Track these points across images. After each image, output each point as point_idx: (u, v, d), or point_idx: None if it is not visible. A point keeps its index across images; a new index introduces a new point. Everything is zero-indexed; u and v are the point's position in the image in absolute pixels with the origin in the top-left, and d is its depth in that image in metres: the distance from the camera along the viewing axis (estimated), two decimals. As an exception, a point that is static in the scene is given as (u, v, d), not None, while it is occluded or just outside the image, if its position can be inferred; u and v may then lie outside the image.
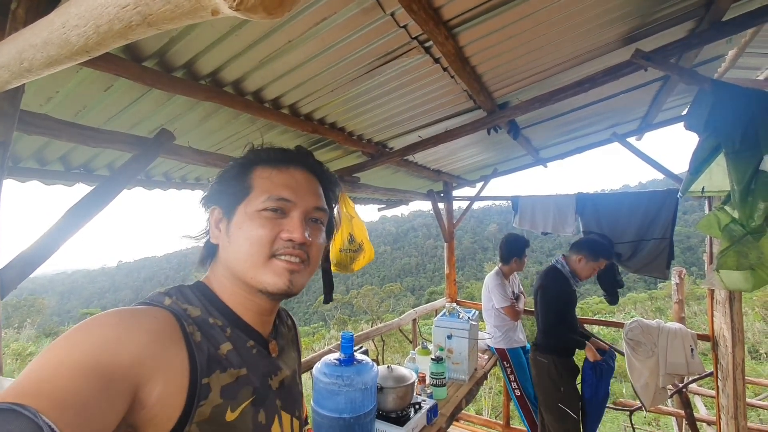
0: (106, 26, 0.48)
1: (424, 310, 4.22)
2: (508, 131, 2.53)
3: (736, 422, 2.56)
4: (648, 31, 1.84)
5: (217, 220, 0.67)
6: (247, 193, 0.65)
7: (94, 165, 1.88)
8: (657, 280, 29.32)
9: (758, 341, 13.96)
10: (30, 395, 0.39)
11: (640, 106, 3.02)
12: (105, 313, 0.52)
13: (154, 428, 0.50)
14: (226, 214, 0.66)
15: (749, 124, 1.45)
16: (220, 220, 0.66)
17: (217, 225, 0.67)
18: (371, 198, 3.91)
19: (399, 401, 2.05)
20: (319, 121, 2.02)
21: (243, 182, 0.66)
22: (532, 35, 1.64)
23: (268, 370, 0.66)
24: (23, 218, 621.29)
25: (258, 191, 0.64)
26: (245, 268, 0.62)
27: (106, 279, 73.00)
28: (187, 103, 1.55)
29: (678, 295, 4.91)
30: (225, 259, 0.65)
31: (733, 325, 2.65)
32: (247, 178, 0.66)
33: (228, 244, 0.65)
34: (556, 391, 2.71)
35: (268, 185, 0.65)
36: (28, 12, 0.82)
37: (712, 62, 2.34)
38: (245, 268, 0.62)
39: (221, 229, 0.66)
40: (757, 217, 1.42)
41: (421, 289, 43.48)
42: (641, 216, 3.28)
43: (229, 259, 0.64)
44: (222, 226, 0.66)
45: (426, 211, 66.28)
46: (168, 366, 0.51)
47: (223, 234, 0.66)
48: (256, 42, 1.30)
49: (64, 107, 1.38)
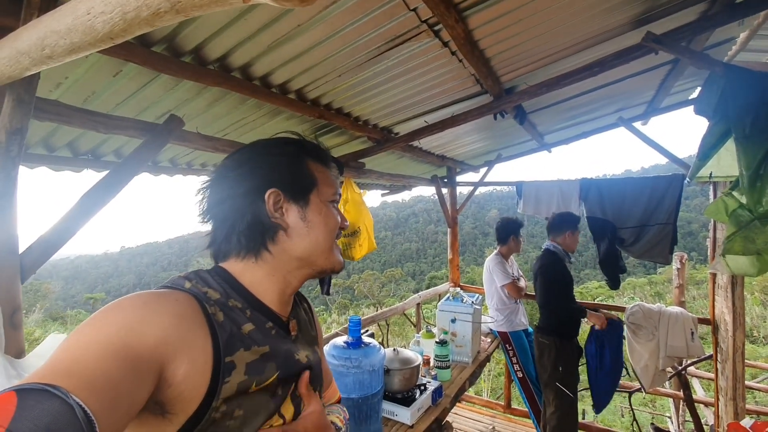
0: (134, 13, 0.48)
1: (427, 294, 4.27)
2: (515, 116, 2.51)
3: (735, 403, 2.61)
4: (659, 13, 1.81)
5: (276, 203, 0.66)
6: (316, 183, 0.69)
7: (102, 151, 1.88)
8: (656, 265, 29.45)
9: (756, 325, 14.12)
10: (60, 376, 0.40)
11: (647, 90, 2.99)
12: (129, 297, 0.54)
13: (182, 404, 0.52)
14: (293, 199, 0.67)
15: (761, 109, 1.44)
16: (281, 205, 0.66)
17: (277, 209, 0.66)
18: (376, 183, 3.91)
19: (405, 383, 2.10)
20: (325, 106, 2.01)
21: (305, 172, 0.69)
22: (542, 18, 1.61)
23: (290, 349, 0.68)
24: (33, 204, 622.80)
25: (323, 184, 0.70)
26: (322, 249, 0.69)
27: (110, 264, 73.49)
28: (194, 88, 1.54)
29: (679, 279, 4.94)
30: (297, 241, 0.67)
31: (734, 309, 2.68)
32: (307, 168, 0.70)
33: (305, 228, 0.67)
34: (555, 371, 2.78)
35: (329, 180, 0.72)
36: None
37: (723, 45, 2.30)
38: (322, 249, 0.69)
39: (285, 213, 0.67)
40: (765, 203, 1.42)
41: (421, 274, 43.77)
42: (645, 201, 3.28)
43: (302, 242, 0.67)
44: (288, 210, 0.67)
45: (427, 197, 66.20)
46: (192, 346, 0.53)
47: (295, 218, 0.67)
48: (265, 26, 1.28)
49: (73, 93, 1.37)
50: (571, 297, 2.89)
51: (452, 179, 4.36)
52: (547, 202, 3.72)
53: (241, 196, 0.65)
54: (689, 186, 3.18)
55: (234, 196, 0.65)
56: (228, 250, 0.67)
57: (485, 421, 3.81)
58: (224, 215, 0.66)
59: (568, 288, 2.87)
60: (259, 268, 0.66)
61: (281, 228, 0.66)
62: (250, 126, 2.02)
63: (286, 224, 0.66)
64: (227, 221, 0.66)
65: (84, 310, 27.11)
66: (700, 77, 2.80)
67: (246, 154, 0.69)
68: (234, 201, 0.65)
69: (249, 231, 0.65)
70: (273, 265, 0.66)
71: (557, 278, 2.80)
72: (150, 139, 1.39)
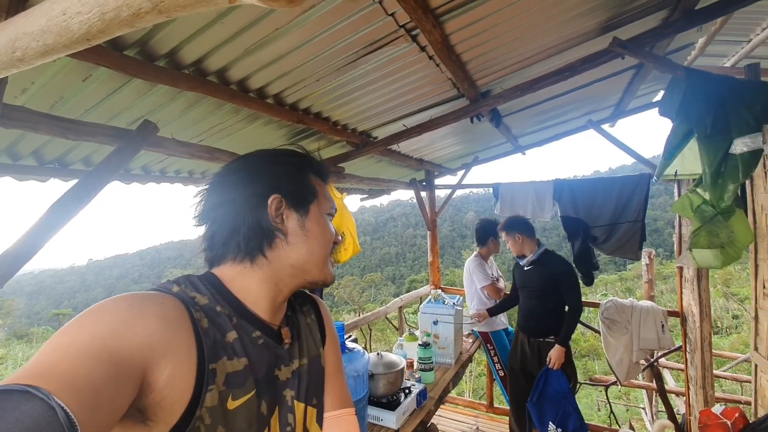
0: (113, 13, 0.47)
1: (409, 297, 4.28)
2: (491, 119, 2.57)
3: (704, 392, 2.73)
4: (624, 20, 1.90)
5: (277, 208, 0.66)
6: (316, 195, 0.71)
7: (70, 159, 1.80)
8: (626, 262, 30.57)
9: (719, 316, 14.86)
10: (42, 377, 0.40)
11: (614, 93, 3.12)
12: (114, 299, 0.53)
13: (164, 412, 0.50)
14: (294, 207, 0.68)
15: (720, 110, 1.53)
16: (282, 211, 0.67)
17: (278, 214, 0.66)
18: (355, 188, 3.90)
19: (390, 386, 2.09)
20: (304, 111, 2.00)
21: (307, 183, 0.71)
22: (515, 23, 1.66)
23: (276, 361, 0.66)
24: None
25: (322, 197, 0.72)
26: (317, 259, 0.69)
27: (76, 278, 70.21)
28: (168, 93, 1.51)
29: (648, 274, 5.15)
30: (294, 249, 0.67)
31: (700, 301, 2.81)
32: (309, 180, 0.71)
33: (303, 236, 0.68)
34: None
35: (327, 194, 0.74)
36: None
37: (683, 50, 2.44)
38: (317, 260, 0.69)
39: (285, 219, 0.67)
40: (727, 198, 1.51)
41: (401, 278, 43.86)
42: (615, 200, 3.41)
43: (299, 250, 0.67)
44: (289, 218, 0.67)
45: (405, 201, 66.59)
46: (176, 350, 0.52)
47: (294, 226, 0.67)
48: (243, 30, 1.27)
49: (40, 99, 1.31)
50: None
51: (431, 182, 4.41)
52: (523, 202, 3.80)
53: (244, 200, 0.65)
54: (654, 185, 3.33)
55: (236, 200, 0.65)
56: (224, 254, 0.66)
57: (469, 422, 3.84)
58: (224, 218, 0.66)
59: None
60: (253, 274, 0.66)
61: (280, 234, 0.66)
62: (227, 131, 1.98)
63: (286, 231, 0.67)
64: (227, 224, 0.65)
65: (51, 326, 25.77)
66: (662, 81, 2.95)
67: (250, 161, 0.70)
68: (236, 204, 0.65)
69: (249, 235, 0.65)
70: (266, 272, 0.66)
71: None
72: (123, 145, 1.35)
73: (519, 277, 3.04)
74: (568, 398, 2.71)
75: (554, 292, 2.78)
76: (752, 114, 1.50)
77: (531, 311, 2.92)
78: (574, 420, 2.68)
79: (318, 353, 0.77)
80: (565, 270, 2.81)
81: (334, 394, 0.81)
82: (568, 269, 2.82)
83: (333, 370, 0.83)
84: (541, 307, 2.85)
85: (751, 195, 2.01)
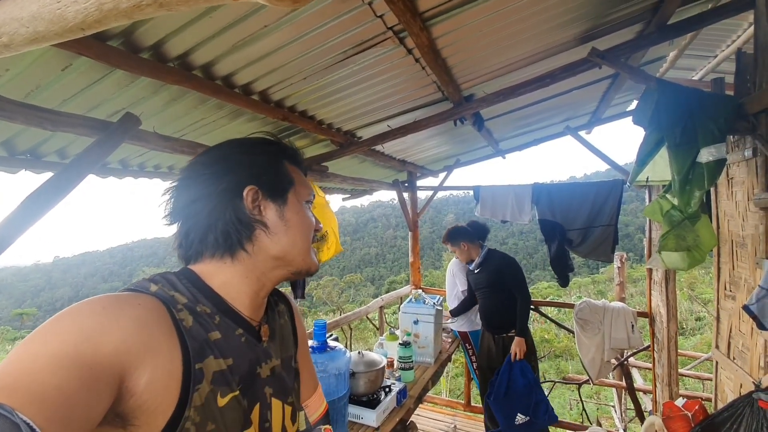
0: (112, 4, 0.47)
1: (390, 297, 4.31)
2: (473, 123, 2.62)
3: (670, 389, 2.87)
4: (602, 31, 1.98)
5: (254, 200, 0.64)
6: (293, 183, 0.69)
7: (43, 150, 1.74)
8: (599, 266, 31.54)
9: (684, 318, 15.49)
10: (5, 391, 0.37)
11: (591, 101, 3.24)
12: (87, 301, 0.50)
13: (146, 416, 0.49)
14: (271, 198, 0.66)
15: (688, 120, 1.62)
16: (258, 203, 0.65)
17: (255, 206, 0.64)
18: (338, 188, 3.90)
19: (370, 385, 2.11)
20: (289, 108, 1.99)
21: (283, 171, 0.69)
22: (500, 30, 1.71)
23: (258, 358, 0.65)
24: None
25: (299, 185, 0.71)
26: (299, 249, 0.68)
27: (41, 276, 67.02)
28: (151, 86, 1.48)
29: (619, 277, 5.33)
30: (275, 240, 0.65)
31: (668, 303, 2.94)
32: (285, 168, 0.69)
33: (283, 227, 0.66)
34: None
35: (304, 181, 0.73)
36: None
37: (656, 62, 2.56)
38: (299, 249, 0.68)
39: (263, 211, 0.65)
40: (694, 204, 1.59)
41: (381, 278, 43.86)
42: (590, 205, 3.53)
43: (280, 241, 0.65)
44: (266, 209, 0.65)
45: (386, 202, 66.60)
46: (155, 352, 0.50)
47: (273, 217, 0.66)
48: (231, 25, 1.26)
49: (14, 87, 1.26)
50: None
51: (413, 183, 4.45)
52: (503, 205, 3.88)
53: (219, 194, 0.62)
54: (627, 191, 3.46)
55: (210, 195, 0.62)
56: (202, 251, 0.63)
57: (447, 420, 3.90)
58: (199, 215, 0.63)
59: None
60: (233, 269, 0.64)
61: (260, 226, 0.64)
62: (209, 127, 1.96)
63: (265, 222, 0.65)
64: (203, 221, 0.62)
65: (11, 327, 24.52)
66: (636, 91, 3.08)
67: (221, 152, 0.67)
68: (211, 199, 0.62)
69: (227, 229, 0.62)
70: (248, 266, 0.64)
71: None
72: (103, 138, 1.31)
73: (472, 281, 3.21)
74: (536, 387, 2.82)
75: (505, 286, 2.96)
76: (717, 125, 1.59)
77: (488, 309, 3.08)
78: (544, 407, 2.78)
79: (291, 353, 0.77)
80: (507, 263, 3.02)
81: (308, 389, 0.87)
82: (509, 262, 3.04)
83: (308, 376, 0.86)
84: (497, 304, 3.01)
85: (716, 202, 2.12)
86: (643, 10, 1.86)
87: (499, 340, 3.03)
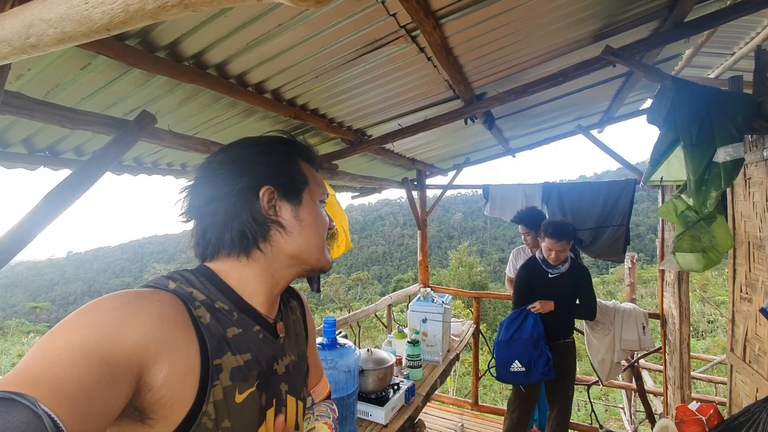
0: (138, 5, 0.47)
1: (398, 296, 4.31)
2: (484, 122, 2.61)
3: (682, 392, 2.83)
4: (617, 29, 1.95)
5: (270, 200, 0.65)
6: (308, 183, 0.70)
7: (61, 148, 1.77)
8: (608, 266, 31.19)
9: (697, 320, 15.28)
10: (28, 383, 0.38)
11: (603, 100, 3.20)
12: (107, 297, 0.51)
13: (164, 410, 0.50)
14: (287, 197, 0.66)
15: (705, 119, 1.59)
16: (274, 203, 0.65)
17: (270, 206, 0.65)
18: (347, 186, 3.91)
19: (379, 383, 2.12)
20: (301, 107, 2.00)
21: (298, 171, 0.69)
22: (512, 29, 1.70)
23: (275, 354, 0.66)
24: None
25: (313, 184, 0.71)
26: (314, 247, 0.69)
27: (55, 271, 68.35)
28: (166, 84, 1.50)
29: (630, 278, 5.29)
30: (290, 240, 0.66)
31: (680, 304, 2.90)
32: (299, 167, 0.70)
33: (298, 226, 0.67)
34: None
35: (318, 180, 0.73)
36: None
37: (671, 60, 2.51)
38: (314, 248, 0.69)
39: (278, 211, 0.66)
40: (710, 205, 1.57)
41: (388, 277, 43.95)
42: (601, 204, 3.49)
43: (295, 241, 0.66)
44: (282, 209, 0.66)
45: (393, 200, 66.59)
46: (174, 348, 0.51)
47: (288, 216, 0.66)
48: (245, 24, 1.27)
49: (36, 85, 1.29)
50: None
51: (422, 182, 4.44)
52: (512, 205, 3.85)
53: (235, 195, 0.63)
54: (638, 191, 3.42)
55: (227, 195, 0.63)
56: (218, 249, 0.64)
57: (454, 419, 3.89)
58: (216, 214, 0.63)
59: None
60: (249, 268, 0.64)
61: (275, 226, 0.65)
62: (223, 125, 1.98)
63: (280, 222, 0.65)
64: (220, 220, 0.63)
65: (27, 320, 25.07)
66: (649, 90, 3.03)
67: (237, 151, 0.67)
68: (227, 199, 0.63)
69: (243, 230, 0.63)
70: (263, 264, 0.65)
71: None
72: (120, 135, 1.33)
73: (548, 284, 2.76)
74: (543, 344, 2.70)
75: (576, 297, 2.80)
76: (735, 124, 1.57)
77: (558, 319, 2.77)
78: (544, 361, 2.67)
79: (303, 350, 0.78)
80: (587, 275, 2.80)
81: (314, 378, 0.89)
82: (588, 274, 2.81)
83: (314, 367, 0.87)
84: (568, 313, 2.83)
85: (732, 202, 2.09)
86: (659, 7, 1.83)
87: (555, 347, 2.75)
